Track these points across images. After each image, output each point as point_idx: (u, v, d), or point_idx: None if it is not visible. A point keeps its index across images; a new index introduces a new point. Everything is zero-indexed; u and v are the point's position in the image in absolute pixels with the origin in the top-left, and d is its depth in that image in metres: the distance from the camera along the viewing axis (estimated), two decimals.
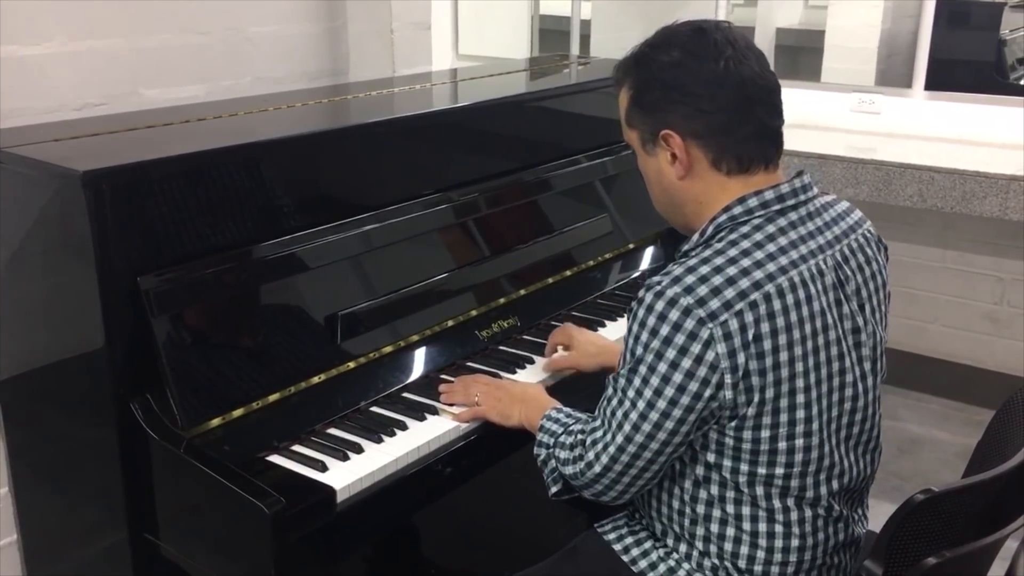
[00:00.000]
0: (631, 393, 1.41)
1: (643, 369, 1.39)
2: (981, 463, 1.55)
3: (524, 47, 4.59)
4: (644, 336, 1.38)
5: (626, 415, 1.42)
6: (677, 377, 1.35)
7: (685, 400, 1.36)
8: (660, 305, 1.36)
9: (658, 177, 1.50)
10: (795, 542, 1.46)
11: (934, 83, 3.42)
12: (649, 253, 2.53)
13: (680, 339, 1.34)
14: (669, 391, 1.36)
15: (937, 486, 1.28)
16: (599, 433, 1.48)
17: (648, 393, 1.38)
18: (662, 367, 1.36)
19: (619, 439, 1.44)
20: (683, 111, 1.42)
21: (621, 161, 2.51)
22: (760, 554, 1.46)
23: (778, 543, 1.46)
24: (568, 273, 2.29)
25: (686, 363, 1.34)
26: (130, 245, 1.59)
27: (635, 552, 1.57)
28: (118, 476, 1.66)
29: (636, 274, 2.46)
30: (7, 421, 1.95)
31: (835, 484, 1.48)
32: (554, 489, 1.58)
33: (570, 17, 4.32)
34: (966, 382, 3.45)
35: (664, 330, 1.35)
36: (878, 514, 1.56)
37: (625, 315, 2.19)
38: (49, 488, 1.94)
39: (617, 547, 1.59)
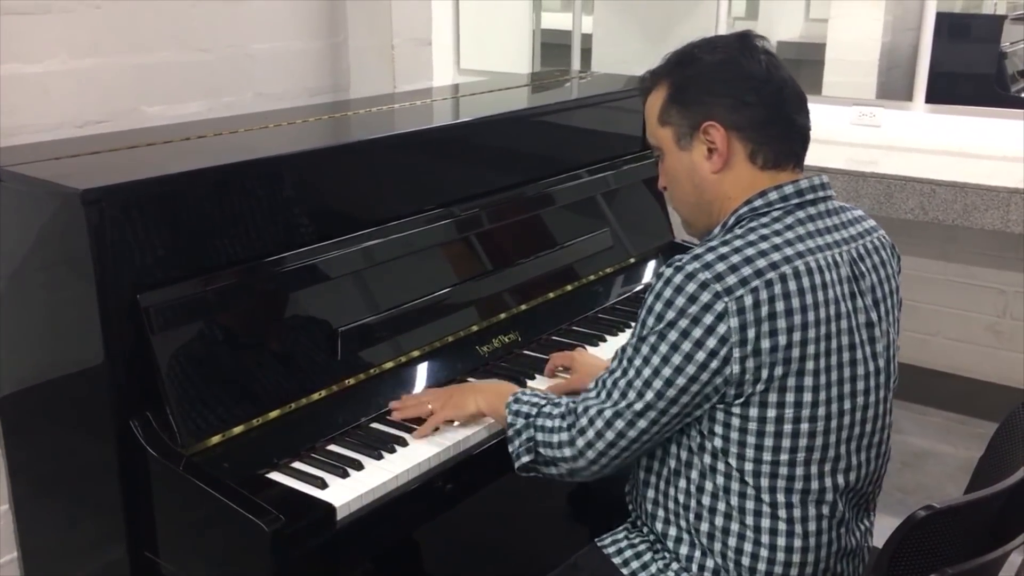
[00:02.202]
0: (637, 361, 1.44)
1: (652, 338, 1.42)
2: (984, 478, 1.55)
3: (525, 62, 4.60)
4: (659, 306, 1.42)
5: (629, 383, 1.45)
6: (686, 346, 1.39)
7: (691, 369, 1.39)
8: (679, 278, 1.41)
9: (690, 173, 1.54)
10: (798, 542, 1.46)
11: (935, 96, 3.42)
12: (650, 267, 2.53)
13: (694, 310, 1.38)
14: (676, 358, 1.40)
15: (939, 502, 1.28)
16: (594, 400, 1.50)
17: (656, 360, 1.42)
18: (672, 335, 1.40)
19: (620, 404, 1.46)
20: (728, 103, 1.49)
21: (622, 175, 2.52)
22: (763, 552, 1.47)
23: (780, 541, 1.46)
24: (569, 288, 2.29)
25: (697, 332, 1.38)
26: (130, 262, 1.59)
27: (635, 565, 1.57)
28: (117, 493, 1.65)
29: (638, 288, 2.46)
30: (7, 438, 1.95)
31: (840, 479, 1.48)
32: (524, 460, 1.58)
33: (571, 31, 4.33)
34: (969, 395, 3.44)
35: (680, 301, 1.40)
36: (881, 528, 1.56)
37: (625, 330, 2.21)
38: (49, 505, 1.94)
39: (617, 560, 1.59)
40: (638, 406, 1.44)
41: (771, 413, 1.42)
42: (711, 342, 1.38)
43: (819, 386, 1.43)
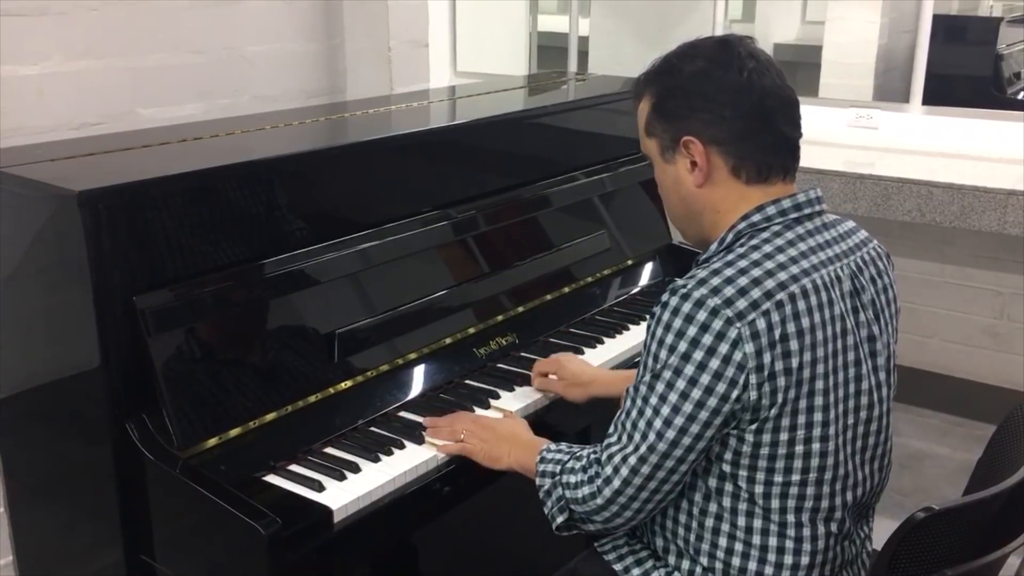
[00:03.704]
0: (654, 400, 1.39)
1: (668, 374, 1.37)
2: (983, 479, 1.54)
3: (522, 64, 4.60)
4: (669, 339, 1.37)
5: (649, 424, 1.40)
6: (705, 379, 1.35)
7: (712, 402, 1.35)
8: (687, 307, 1.36)
9: (676, 186, 1.50)
10: (805, 559, 1.44)
11: (931, 98, 3.42)
12: (648, 269, 2.53)
13: (708, 340, 1.34)
14: (696, 393, 1.35)
15: (938, 503, 1.27)
16: (617, 447, 1.45)
17: (674, 397, 1.37)
18: (689, 369, 1.35)
19: (642, 449, 1.41)
20: (705, 117, 1.44)
21: (619, 177, 2.52)
22: (768, 570, 1.44)
23: (787, 559, 1.44)
24: (566, 290, 2.29)
25: (714, 364, 1.34)
26: (126, 264, 1.58)
27: (636, 572, 1.55)
28: (114, 497, 1.65)
29: (635, 290, 2.46)
30: (3, 440, 1.94)
31: (849, 496, 1.47)
32: (560, 520, 1.54)
33: (568, 34, 4.33)
34: (966, 397, 3.44)
35: (691, 331, 1.35)
36: (879, 530, 1.55)
37: (623, 332, 2.21)
38: (45, 509, 1.93)
39: (617, 567, 1.57)
40: (662, 447, 1.39)
41: (784, 436, 1.38)
42: (729, 371, 1.33)
43: (828, 405, 1.40)
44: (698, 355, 1.35)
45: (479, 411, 1.85)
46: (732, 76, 1.43)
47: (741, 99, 1.43)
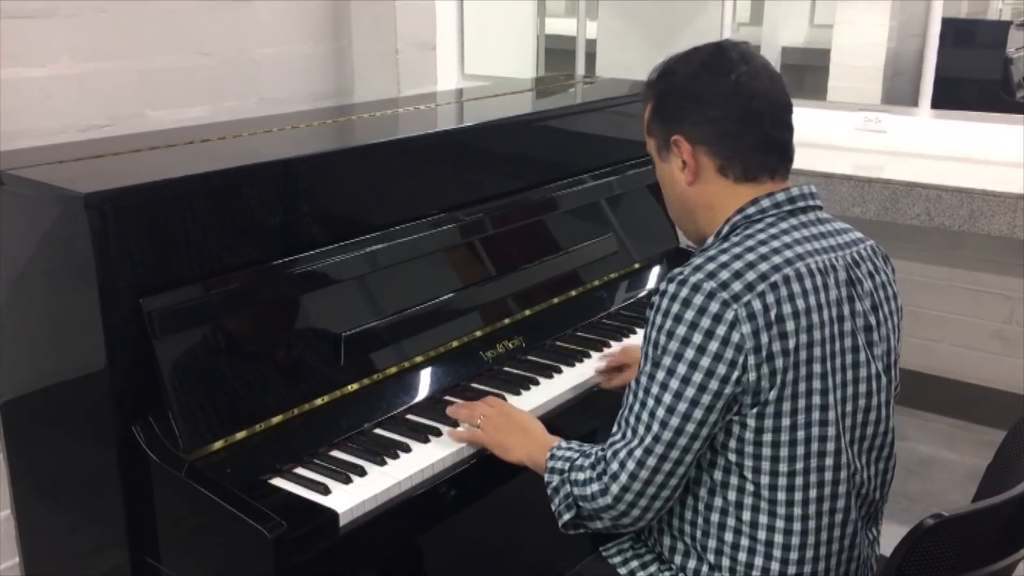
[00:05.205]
0: (655, 390, 1.41)
1: (668, 360, 1.40)
2: (992, 485, 1.54)
3: (530, 66, 4.60)
4: (668, 324, 1.40)
5: (652, 414, 1.41)
6: (705, 362, 1.37)
7: (714, 385, 1.37)
8: (684, 292, 1.39)
9: (671, 183, 1.57)
10: (809, 553, 1.45)
11: (940, 101, 3.42)
12: (655, 273, 2.53)
13: (706, 322, 1.37)
14: (697, 377, 1.37)
15: (947, 509, 1.27)
16: (622, 442, 1.46)
17: (675, 384, 1.39)
18: (689, 353, 1.38)
19: (647, 440, 1.42)
20: (694, 118, 1.49)
21: (627, 180, 2.51)
22: (774, 566, 1.44)
23: (793, 555, 1.44)
24: (573, 293, 2.28)
25: (713, 346, 1.36)
26: (133, 267, 1.58)
27: None
28: (119, 499, 1.65)
29: (642, 293, 2.45)
30: (9, 442, 1.94)
31: (852, 487, 1.47)
32: (566, 517, 1.53)
33: (575, 36, 4.33)
34: (975, 401, 3.42)
35: (689, 315, 1.38)
36: (887, 535, 1.55)
37: (629, 335, 2.20)
38: (51, 511, 1.93)
39: (623, 571, 1.57)
40: (667, 436, 1.40)
41: (785, 422, 1.40)
42: (728, 353, 1.36)
43: (827, 389, 1.41)
44: (697, 338, 1.37)
45: None
46: (721, 79, 1.48)
47: (728, 101, 1.48)
